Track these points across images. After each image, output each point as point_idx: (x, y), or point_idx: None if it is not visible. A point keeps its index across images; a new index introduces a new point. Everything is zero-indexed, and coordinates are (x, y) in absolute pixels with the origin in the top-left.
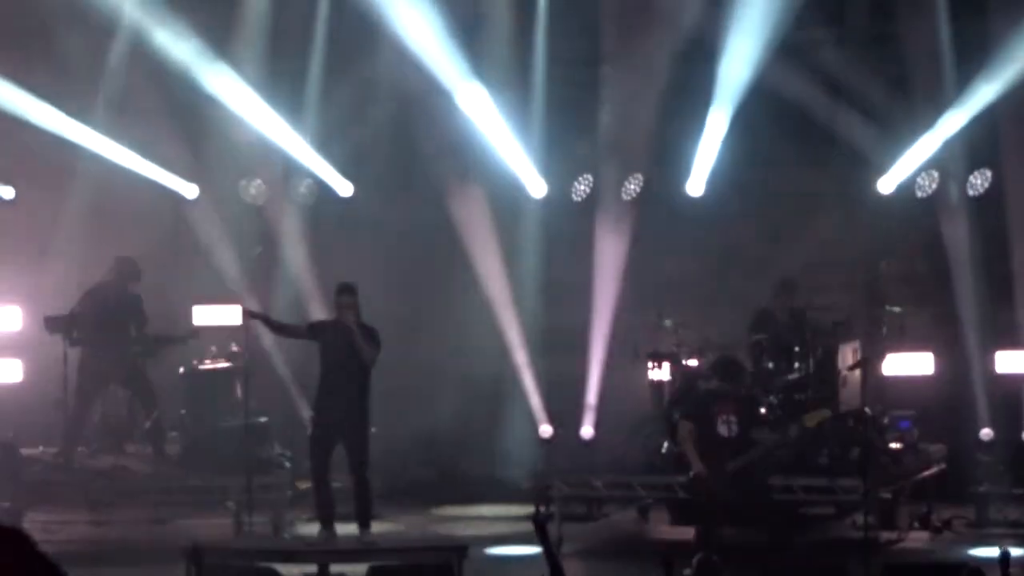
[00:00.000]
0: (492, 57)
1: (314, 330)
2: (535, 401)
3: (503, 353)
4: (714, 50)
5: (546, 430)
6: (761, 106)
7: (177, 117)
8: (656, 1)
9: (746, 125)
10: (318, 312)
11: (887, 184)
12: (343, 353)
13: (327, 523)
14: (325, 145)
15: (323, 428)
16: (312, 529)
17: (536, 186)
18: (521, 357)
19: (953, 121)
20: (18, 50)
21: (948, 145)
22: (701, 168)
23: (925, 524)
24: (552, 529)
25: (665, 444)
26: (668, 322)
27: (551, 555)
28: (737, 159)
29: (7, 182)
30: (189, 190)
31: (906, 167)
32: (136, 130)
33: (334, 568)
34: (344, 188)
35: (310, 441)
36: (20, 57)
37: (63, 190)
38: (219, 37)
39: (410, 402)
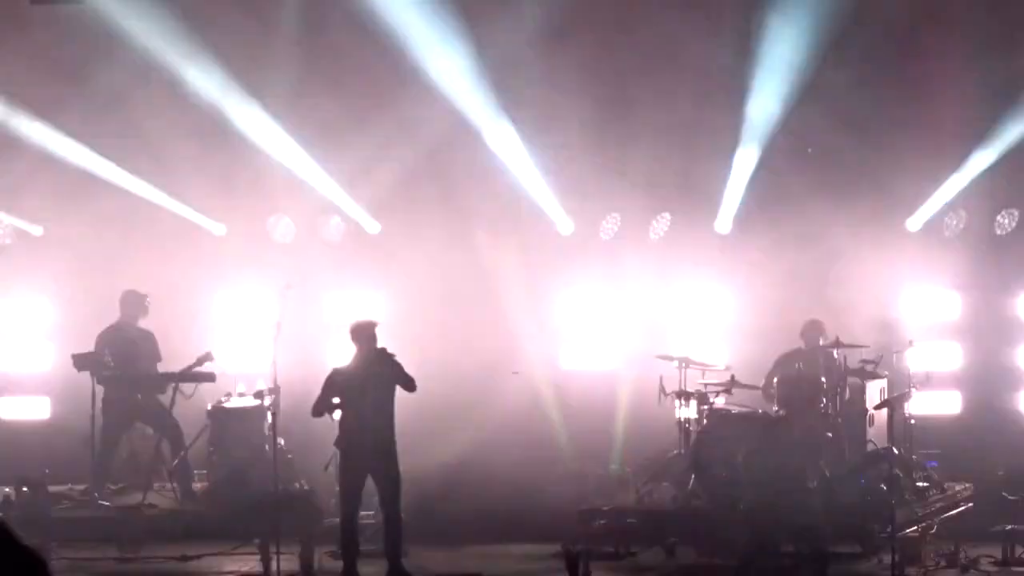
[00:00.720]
0: (521, 96)
1: (335, 383)
2: (563, 439)
3: (531, 390)
4: (742, 89)
5: (573, 467)
6: (788, 145)
7: (206, 154)
8: (684, 41)
9: (773, 164)
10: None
11: (915, 223)
12: (364, 388)
13: (351, 561)
14: (354, 183)
15: (351, 464)
16: (339, 566)
17: (564, 224)
18: (548, 394)
19: (980, 160)
20: (48, 88)
21: (975, 184)
22: (729, 206)
23: (952, 563)
24: (580, 567)
25: (692, 481)
26: (695, 360)
27: None
28: (764, 197)
29: (36, 220)
30: (217, 227)
31: (933, 206)
32: (165, 167)
33: None
34: (372, 226)
35: (339, 478)
36: (50, 95)
37: (92, 227)
38: (249, 73)
39: (438, 439)
